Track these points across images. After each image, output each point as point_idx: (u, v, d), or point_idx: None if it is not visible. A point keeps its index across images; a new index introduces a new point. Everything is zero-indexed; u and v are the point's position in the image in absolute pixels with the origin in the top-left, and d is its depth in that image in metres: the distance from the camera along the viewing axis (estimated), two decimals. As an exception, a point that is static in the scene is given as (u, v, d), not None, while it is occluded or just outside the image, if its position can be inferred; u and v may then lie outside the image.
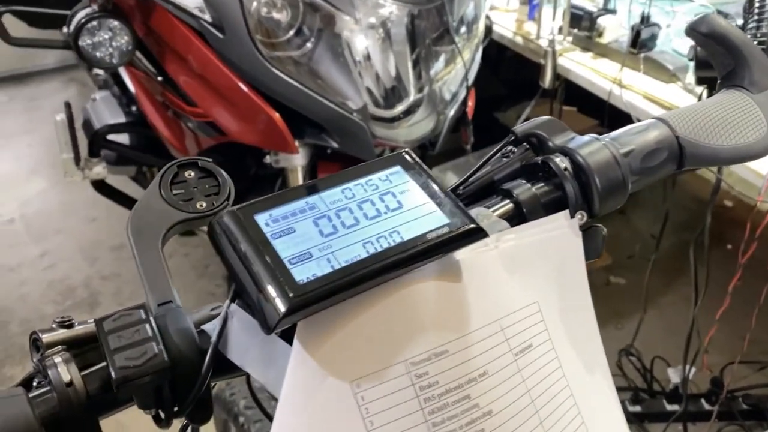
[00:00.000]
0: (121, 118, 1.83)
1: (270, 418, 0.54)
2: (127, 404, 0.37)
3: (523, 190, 0.49)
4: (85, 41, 1.42)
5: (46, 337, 0.39)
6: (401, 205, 0.40)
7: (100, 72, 2.04)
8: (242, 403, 1.01)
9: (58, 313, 2.11)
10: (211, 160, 0.47)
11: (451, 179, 2.10)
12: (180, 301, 0.41)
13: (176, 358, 0.37)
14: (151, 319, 0.38)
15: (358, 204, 0.40)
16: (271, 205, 0.38)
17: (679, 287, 2.02)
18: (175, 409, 0.38)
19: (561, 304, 0.47)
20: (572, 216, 0.49)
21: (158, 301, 0.40)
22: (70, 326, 0.40)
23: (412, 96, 1.44)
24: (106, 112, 1.83)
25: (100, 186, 1.88)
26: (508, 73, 2.47)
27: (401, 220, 0.39)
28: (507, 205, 0.49)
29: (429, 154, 1.56)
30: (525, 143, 0.54)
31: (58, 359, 0.36)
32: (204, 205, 0.45)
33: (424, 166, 0.43)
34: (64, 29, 1.54)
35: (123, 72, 1.79)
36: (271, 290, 0.34)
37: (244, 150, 1.52)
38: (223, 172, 0.47)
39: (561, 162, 0.50)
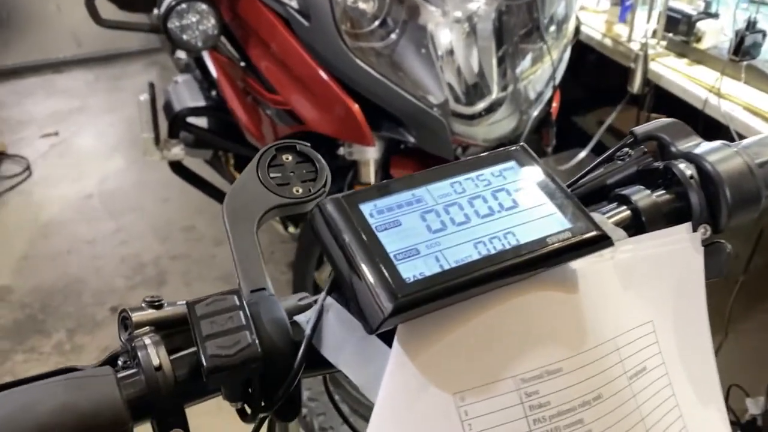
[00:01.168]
0: (201, 102, 1.85)
1: (342, 417, 0.52)
2: (214, 394, 0.36)
3: (643, 196, 0.45)
4: (173, 23, 1.44)
5: (136, 316, 0.38)
6: (516, 204, 0.37)
7: (183, 56, 2.08)
8: (306, 394, 1.00)
9: (127, 287, 2.18)
10: (309, 144, 0.45)
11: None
12: (272, 290, 0.39)
13: (269, 349, 0.34)
14: (245, 306, 0.36)
15: (468, 200, 0.36)
16: (376, 195, 0.36)
17: (764, 313, 1.90)
18: (263, 403, 0.36)
19: (676, 326, 0.43)
20: (694, 229, 0.44)
21: (251, 287, 0.38)
22: (159, 307, 0.39)
23: (495, 93, 1.39)
24: (187, 95, 1.86)
25: (177, 167, 1.91)
26: (589, 75, 2.38)
27: (517, 221, 0.36)
28: (624, 212, 0.45)
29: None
30: (643, 146, 0.49)
31: (147, 341, 0.34)
32: (300, 190, 0.43)
33: (542, 163, 0.39)
34: (154, 11, 1.57)
35: (206, 56, 1.81)
36: (377, 287, 0.32)
37: (318, 140, 1.51)
38: (321, 158, 0.45)
39: (686, 169, 0.45)
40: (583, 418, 0.34)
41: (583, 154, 1.84)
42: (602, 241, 0.36)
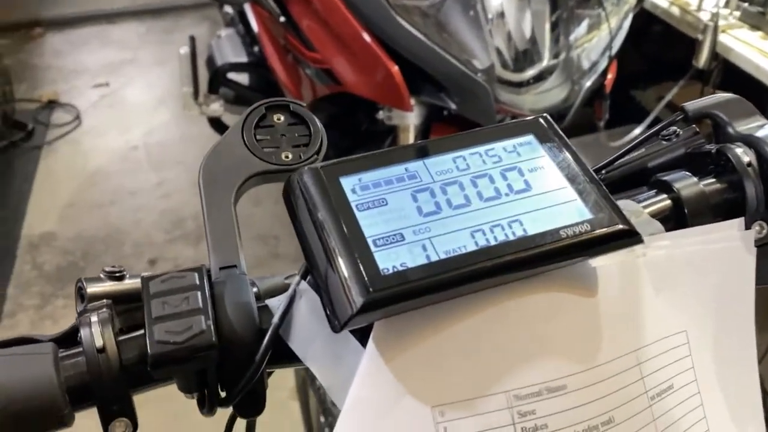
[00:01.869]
0: (243, 58, 1.81)
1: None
2: (165, 382, 0.32)
3: (688, 184, 0.38)
4: (214, -27, 1.39)
5: (91, 288, 0.34)
6: (529, 186, 0.31)
7: (229, 9, 2.04)
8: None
9: (166, 241, 2.19)
10: (304, 105, 0.40)
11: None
12: (245, 266, 0.34)
13: (227, 337, 0.30)
14: (206, 286, 0.31)
15: (472, 179, 0.31)
16: (362, 167, 0.30)
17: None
18: (223, 395, 0.32)
19: (716, 337, 0.37)
20: (748, 226, 0.37)
21: (221, 264, 0.34)
22: (120, 278, 0.35)
23: (546, 61, 1.30)
24: (229, 49, 1.83)
25: (216, 124, 1.89)
26: (652, 47, 2.24)
27: (527, 207, 0.30)
28: (664, 202, 0.38)
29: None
30: (695, 125, 0.42)
31: (94, 318, 0.30)
32: (290, 156, 0.38)
33: (567, 140, 0.33)
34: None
35: (248, 10, 1.77)
36: (347, 278, 0.27)
37: (357, 103, 1.46)
38: (317, 120, 0.39)
39: (743, 154, 0.38)
40: (588, 446, 0.29)
41: (637, 131, 1.73)
42: (628, 237, 0.30)
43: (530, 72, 1.30)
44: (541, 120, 0.34)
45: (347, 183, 0.30)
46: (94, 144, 2.70)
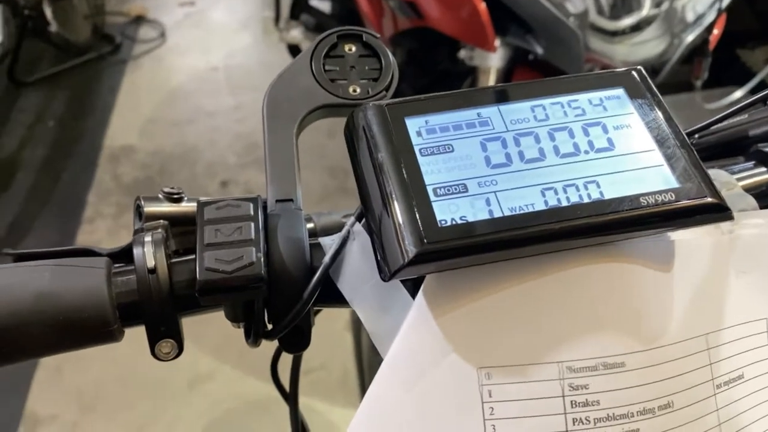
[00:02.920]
0: (327, -15, 1.78)
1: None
2: (213, 309, 0.31)
3: (793, 158, 0.34)
4: None
5: (148, 207, 0.34)
6: (612, 145, 0.28)
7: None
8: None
9: (238, 165, 2.24)
10: (378, 36, 0.38)
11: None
12: (302, 201, 0.33)
13: (276, 271, 0.29)
14: (260, 217, 0.30)
15: (550, 131, 0.28)
16: (430, 109, 0.28)
17: None
18: (269, 327, 0.31)
19: (802, 329, 0.33)
20: None
21: (278, 196, 0.33)
22: (178, 200, 0.35)
23: (646, 9, 1.21)
24: (314, -25, 1.79)
25: (295, 51, 1.88)
26: (765, 4, 2.05)
27: (606, 168, 0.27)
28: (762, 176, 0.35)
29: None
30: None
31: (147, 238, 0.30)
32: (358, 90, 0.36)
33: (661, 98, 0.30)
34: None
35: (336, -65, 1.72)
36: (402, 226, 0.25)
37: (439, 39, 1.41)
38: (389, 54, 0.37)
39: None
40: (640, 428, 0.27)
41: (738, 93, 1.60)
42: (717, 212, 0.27)
43: (627, 20, 1.22)
44: (634, 73, 0.30)
45: (413, 124, 0.28)
46: (177, 62, 2.75)
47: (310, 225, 0.40)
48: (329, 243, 0.32)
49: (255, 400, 1.50)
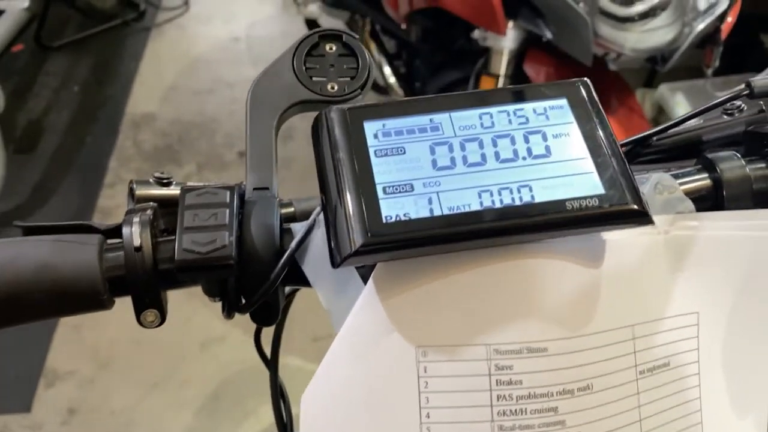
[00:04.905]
0: (346, -40, 1.78)
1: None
2: (191, 284, 0.35)
3: (732, 166, 0.37)
4: None
5: (139, 190, 0.38)
6: (549, 152, 0.31)
7: None
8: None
9: (256, 135, 2.27)
10: (357, 36, 0.41)
11: (679, 102, 1.82)
12: (276, 190, 0.37)
13: (247, 253, 0.33)
14: (235, 204, 0.34)
15: (494, 137, 0.31)
16: (387, 114, 0.32)
17: None
18: (240, 303, 0.35)
19: (733, 325, 0.36)
20: (792, 218, 0.36)
21: (255, 185, 0.36)
22: (167, 184, 0.38)
23: (658, -4, 1.21)
24: (333, -50, 1.80)
25: (313, 26, 1.90)
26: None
27: (540, 174, 0.30)
28: (702, 180, 0.37)
29: (657, 70, 1.33)
30: (762, 103, 0.40)
31: (136, 219, 0.34)
32: (335, 88, 0.39)
33: (600, 109, 0.32)
34: None
35: None
36: (351, 219, 0.29)
37: (453, 20, 1.42)
38: (367, 54, 0.40)
39: (803, 142, 0.36)
40: (558, 407, 0.30)
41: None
42: (637, 217, 0.30)
43: (639, 7, 1.21)
44: (579, 84, 0.33)
45: (370, 127, 0.31)
46: (199, 31, 2.79)
47: (289, 209, 0.44)
48: (298, 229, 0.35)
49: (261, 363, 1.56)
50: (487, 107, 0.32)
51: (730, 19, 1.31)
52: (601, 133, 0.31)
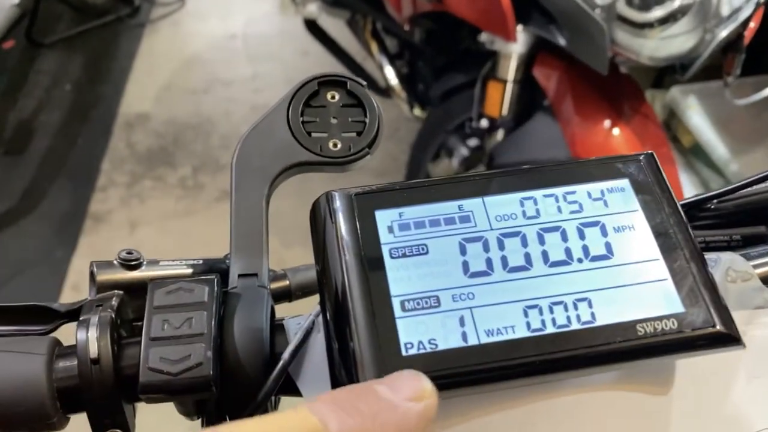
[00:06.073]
0: (346, -42, 1.71)
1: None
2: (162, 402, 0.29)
3: (823, 248, 0.30)
4: None
5: (101, 276, 0.31)
6: (610, 252, 0.24)
7: None
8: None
9: (253, 137, 2.20)
10: (365, 84, 0.34)
11: (692, 105, 1.74)
12: (267, 276, 0.30)
13: (230, 368, 0.27)
14: (215, 303, 0.27)
15: (539, 231, 0.25)
16: (405, 200, 0.25)
17: None
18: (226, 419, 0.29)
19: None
20: None
21: (240, 271, 0.30)
22: (135, 266, 0.32)
23: (679, 0, 1.14)
24: (333, -53, 1.72)
25: (312, 26, 1.82)
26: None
27: (601, 282, 0.24)
28: (784, 265, 0.31)
29: (676, 79, 1.27)
30: None
31: (94, 319, 0.28)
32: (339, 146, 0.33)
33: (671, 193, 0.26)
34: None
35: None
36: (357, 347, 0.22)
37: (459, 22, 1.35)
38: (376, 104, 0.34)
39: None
40: None
41: (772, 87, 1.52)
42: (725, 343, 0.23)
43: (658, 12, 1.14)
44: (643, 159, 0.26)
45: (384, 218, 0.25)
46: (195, 28, 2.71)
47: (283, 283, 0.37)
48: (294, 328, 0.29)
49: None
50: (529, 190, 0.26)
51: (753, 25, 1.24)
52: (674, 225, 0.25)
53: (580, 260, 0.24)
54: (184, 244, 1.86)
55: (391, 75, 1.80)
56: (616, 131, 1.31)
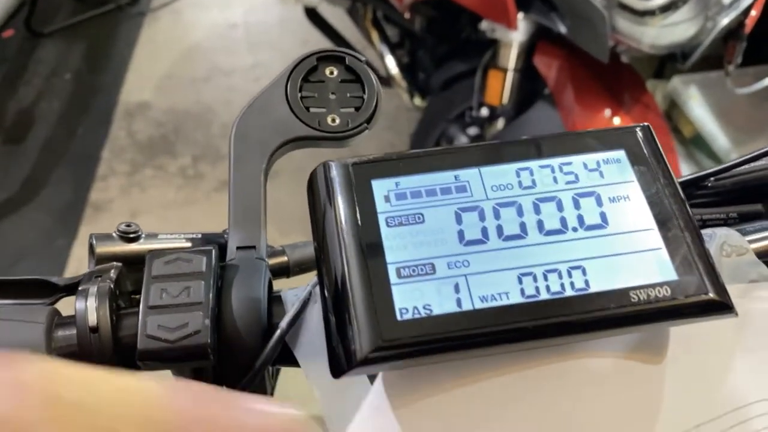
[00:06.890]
0: (347, -55, 1.70)
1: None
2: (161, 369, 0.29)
3: (818, 222, 0.30)
4: None
5: (100, 248, 0.31)
6: (605, 221, 0.25)
7: None
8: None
9: (253, 126, 2.20)
10: (364, 59, 0.34)
11: (693, 95, 1.74)
12: (265, 250, 0.30)
13: (227, 337, 0.27)
14: (213, 273, 0.28)
15: (536, 201, 0.25)
16: (401, 170, 0.25)
17: None
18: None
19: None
20: None
21: (239, 243, 0.30)
22: (133, 239, 0.32)
23: (680, -12, 1.14)
24: (334, -66, 1.72)
25: (312, 14, 1.82)
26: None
27: (596, 250, 0.24)
28: (779, 240, 0.31)
29: (677, 69, 1.26)
30: None
31: (93, 289, 0.28)
32: (337, 121, 0.33)
33: (667, 165, 0.26)
34: None
35: None
36: (354, 314, 0.22)
37: (459, 10, 1.35)
38: (375, 80, 0.34)
39: None
40: None
41: (773, 77, 1.51)
42: (718, 311, 0.24)
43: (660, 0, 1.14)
44: (639, 131, 0.26)
45: (381, 187, 0.25)
46: (196, 17, 2.70)
47: (281, 259, 0.38)
48: (291, 299, 0.29)
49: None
50: (526, 160, 0.26)
51: (754, 13, 1.23)
52: (669, 196, 0.25)
53: (575, 229, 0.24)
54: (185, 233, 1.86)
55: (391, 64, 1.80)
56: (616, 120, 1.31)
